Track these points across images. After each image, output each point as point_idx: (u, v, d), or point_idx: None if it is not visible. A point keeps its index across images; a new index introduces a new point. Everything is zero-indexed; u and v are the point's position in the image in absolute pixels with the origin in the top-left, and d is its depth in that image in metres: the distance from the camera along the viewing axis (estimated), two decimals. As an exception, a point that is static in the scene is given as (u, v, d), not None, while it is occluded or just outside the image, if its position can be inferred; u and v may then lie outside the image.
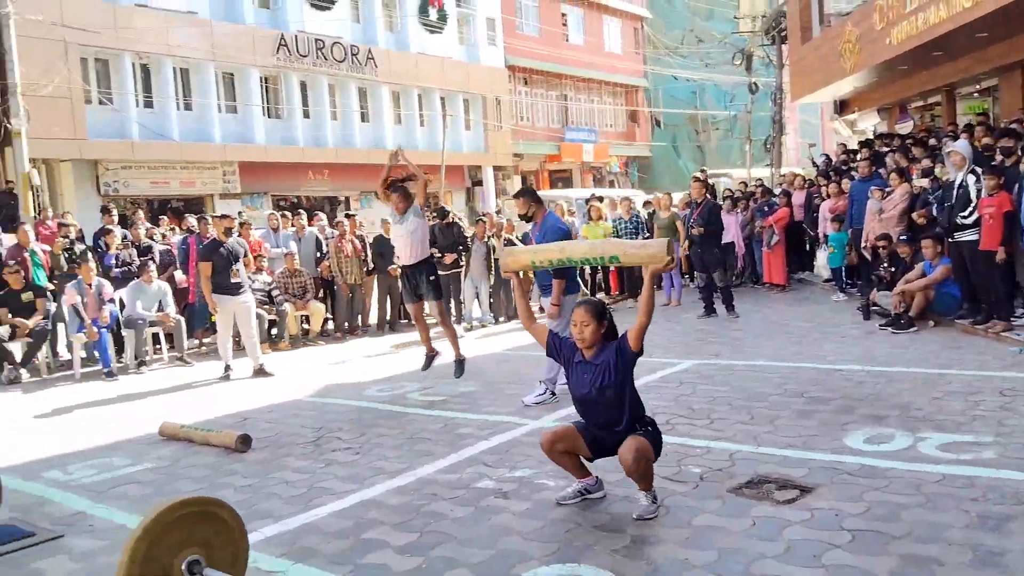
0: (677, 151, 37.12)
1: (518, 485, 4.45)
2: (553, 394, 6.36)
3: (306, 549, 3.72)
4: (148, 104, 20.06)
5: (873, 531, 3.50)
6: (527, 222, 6.92)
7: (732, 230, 12.53)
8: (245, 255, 8.91)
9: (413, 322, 7.74)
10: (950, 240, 8.11)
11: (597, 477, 4.15)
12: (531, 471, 4.67)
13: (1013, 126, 8.95)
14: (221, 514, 3.02)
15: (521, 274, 4.60)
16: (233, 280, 8.42)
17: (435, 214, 11.58)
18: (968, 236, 7.75)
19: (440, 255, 11.20)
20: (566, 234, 6.47)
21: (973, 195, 7.65)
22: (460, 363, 7.07)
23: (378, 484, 4.63)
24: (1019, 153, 7.84)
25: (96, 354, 9.34)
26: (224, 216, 9.20)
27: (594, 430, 3.95)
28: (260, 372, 8.52)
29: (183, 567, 2.84)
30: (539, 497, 4.23)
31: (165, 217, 14.12)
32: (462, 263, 11.34)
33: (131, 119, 19.21)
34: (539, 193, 8.46)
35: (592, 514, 3.95)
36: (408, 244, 6.95)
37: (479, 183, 28.76)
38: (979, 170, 7.67)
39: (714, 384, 6.64)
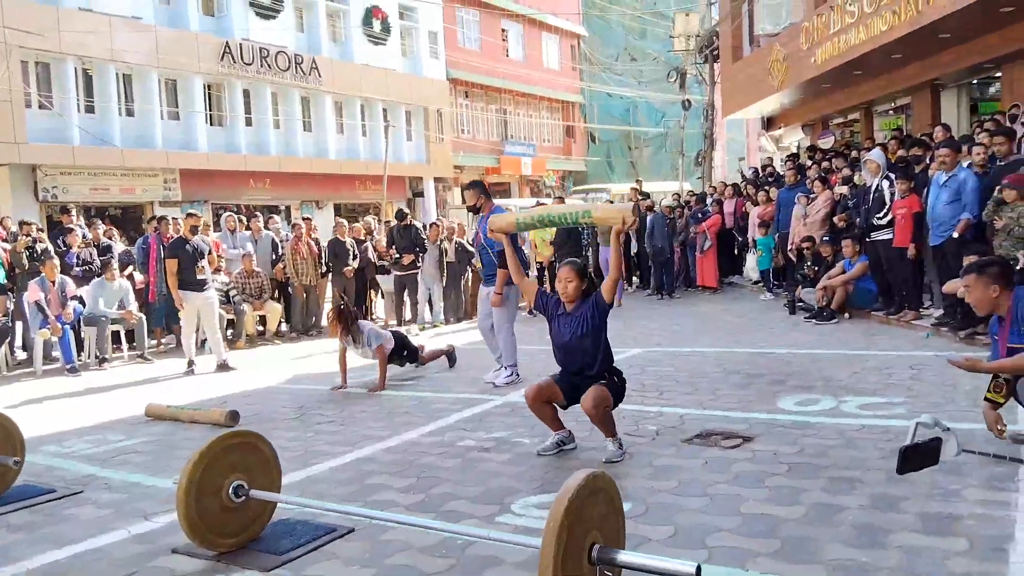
0: (611, 166, 38.28)
1: (497, 443, 4.99)
2: (518, 375, 6.89)
3: (317, 492, 4.18)
4: (90, 109, 19.89)
5: (806, 463, 4.16)
6: (475, 213, 7.17)
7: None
8: (209, 252, 9.18)
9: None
10: (867, 240, 9.01)
11: (570, 431, 4.72)
12: (507, 432, 5.21)
13: (923, 137, 9.95)
14: (262, 447, 3.48)
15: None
16: (199, 276, 8.72)
17: (395, 216, 12.06)
18: (883, 235, 8.65)
19: (399, 255, 11.69)
20: None
21: (887, 198, 8.56)
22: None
23: (368, 447, 5.10)
24: (927, 160, 8.78)
25: (53, 353, 9.49)
26: (191, 214, 9.51)
27: (569, 377, 4.52)
28: (223, 367, 8.81)
29: (230, 489, 3.29)
30: (518, 450, 4.78)
31: (99, 220, 13.73)
32: (419, 264, 11.78)
33: (72, 124, 19.03)
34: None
35: (567, 461, 4.52)
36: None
37: (420, 194, 29.20)
38: (892, 176, 8.59)
39: (660, 366, 7.31)
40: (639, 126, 37.90)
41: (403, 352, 7.61)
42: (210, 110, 22.84)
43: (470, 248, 12.76)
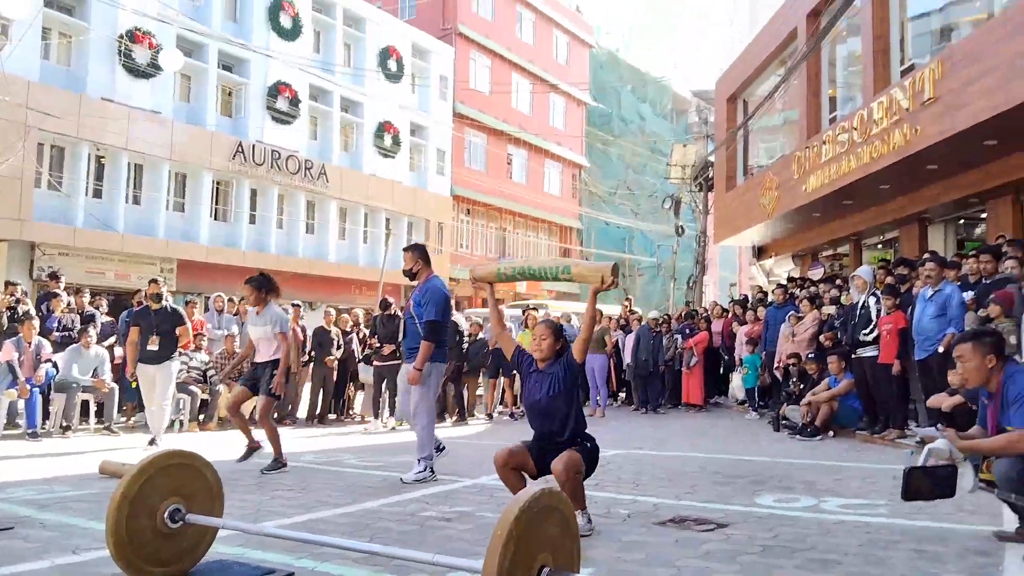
0: (603, 294, 38.64)
1: (460, 515, 4.75)
2: (432, 472, 6.06)
3: (262, 542, 3.93)
4: (97, 194, 20.27)
5: (781, 546, 3.95)
6: (411, 279, 6.50)
7: (627, 349, 13.33)
8: (182, 323, 8.58)
9: (228, 415, 7.27)
10: (852, 357, 8.96)
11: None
12: (472, 508, 4.97)
13: (910, 259, 10.11)
14: (207, 473, 3.30)
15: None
16: (149, 347, 8.23)
17: (379, 305, 12.00)
18: (868, 352, 8.60)
19: (379, 345, 11.53)
20: (446, 298, 6.24)
21: (874, 315, 8.57)
22: (276, 461, 6.57)
23: (323, 511, 4.86)
24: (911, 280, 8.87)
25: (17, 420, 9.19)
26: (152, 281, 9.08)
27: (540, 442, 4.35)
28: (151, 444, 8.06)
29: (166, 512, 3.09)
30: (481, 522, 4.54)
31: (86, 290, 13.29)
32: (400, 355, 11.55)
33: (78, 206, 19.34)
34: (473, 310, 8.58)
35: (530, 532, 4.28)
36: (262, 343, 6.66)
37: (415, 303, 29.30)
38: (879, 293, 8.64)
39: (639, 465, 7.08)
40: (634, 254, 38.58)
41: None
42: (216, 205, 23.28)
43: (463, 345, 12.67)
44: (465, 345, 12.17)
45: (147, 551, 3.04)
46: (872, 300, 8.63)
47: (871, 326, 8.58)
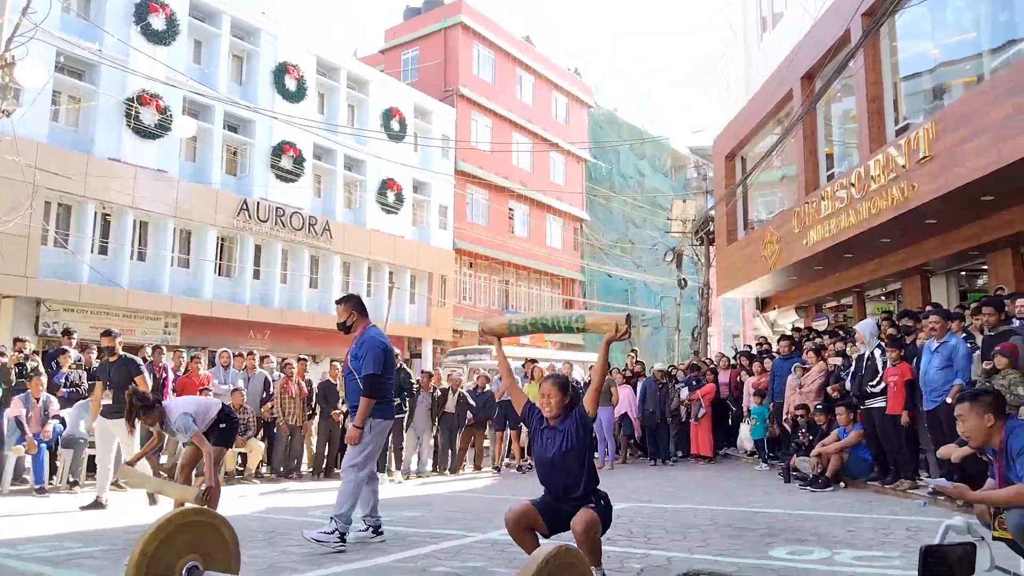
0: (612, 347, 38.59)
1: (472, 571, 4.72)
2: (342, 539, 5.35)
3: (276, 598, 3.92)
4: (103, 251, 20.44)
5: (797, 599, 3.93)
6: (346, 332, 5.96)
7: (625, 403, 13.23)
8: (138, 373, 8.03)
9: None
10: (861, 408, 8.95)
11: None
12: (484, 563, 4.94)
13: (915, 311, 10.16)
14: (224, 531, 3.31)
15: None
16: (103, 401, 8.00)
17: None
18: (876, 403, 8.61)
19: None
20: (385, 349, 5.78)
21: (879, 366, 8.60)
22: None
23: (335, 566, 4.83)
24: (915, 332, 8.91)
25: (24, 475, 9.16)
26: (105, 333, 8.60)
27: (551, 501, 4.32)
28: (95, 504, 7.75)
29: (184, 570, 3.10)
30: (494, 576, 4.52)
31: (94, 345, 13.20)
32: (404, 408, 11.41)
33: (84, 263, 19.49)
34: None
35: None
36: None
37: (417, 355, 29.29)
38: (884, 344, 8.69)
39: (649, 517, 7.03)
40: (637, 306, 38.66)
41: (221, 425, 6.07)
42: (220, 260, 23.46)
43: (471, 401, 12.66)
44: (422, 395, 12.01)
45: (166, 607, 3.03)
46: (878, 352, 8.68)
47: (878, 377, 8.60)
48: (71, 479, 9.18)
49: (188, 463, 6.19)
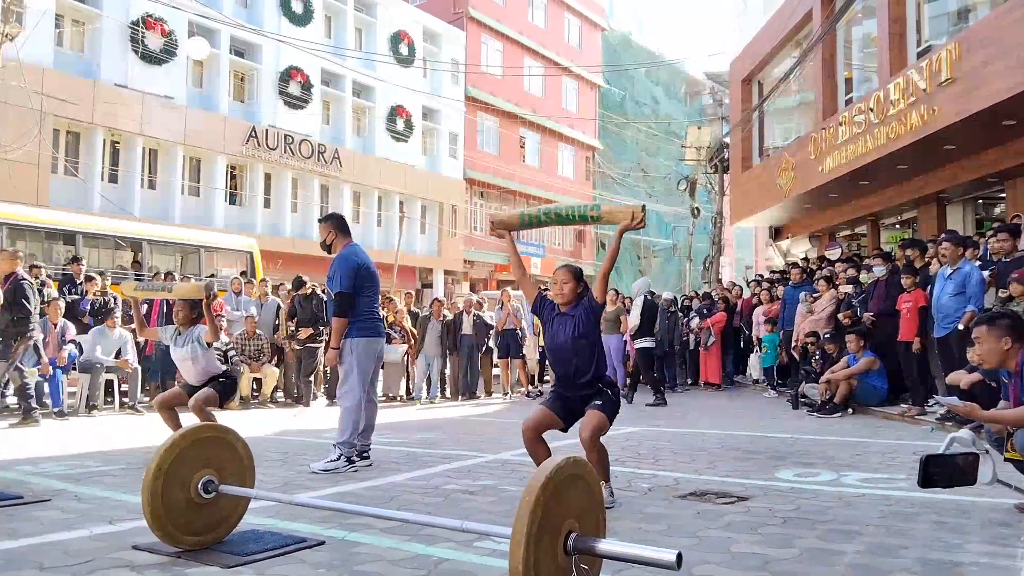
0: (619, 272, 38.58)
1: (483, 488, 4.81)
2: (351, 462, 5.39)
3: (293, 513, 4.01)
4: (113, 179, 20.42)
5: (802, 518, 3.98)
6: (328, 252, 5.85)
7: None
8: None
9: (156, 407, 6.12)
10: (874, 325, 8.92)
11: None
12: (495, 481, 5.04)
13: (928, 240, 10.06)
14: (238, 446, 3.36)
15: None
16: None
17: (292, 284, 11.76)
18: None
19: (295, 329, 11.18)
20: (356, 267, 5.58)
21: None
22: None
23: (350, 484, 4.93)
24: (929, 259, 8.83)
25: (44, 398, 9.33)
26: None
27: (561, 390, 4.40)
28: None
29: (200, 484, 3.16)
30: (505, 495, 4.60)
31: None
32: (321, 338, 10.92)
33: (94, 191, 19.48)
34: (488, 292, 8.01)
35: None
36: (189, 370, 5.96)
37: (429, 285, 29.42)
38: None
39: (658, 441, 7.13)
40: (649, 236, 38.48)
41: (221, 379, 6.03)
42: (230, 189, 23.39)
43: (489, 322, 12.72)
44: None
45: (182, 521, 3.11)
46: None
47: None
48: (89, 403, 9.36)
49: (169, 400, 5.97)
